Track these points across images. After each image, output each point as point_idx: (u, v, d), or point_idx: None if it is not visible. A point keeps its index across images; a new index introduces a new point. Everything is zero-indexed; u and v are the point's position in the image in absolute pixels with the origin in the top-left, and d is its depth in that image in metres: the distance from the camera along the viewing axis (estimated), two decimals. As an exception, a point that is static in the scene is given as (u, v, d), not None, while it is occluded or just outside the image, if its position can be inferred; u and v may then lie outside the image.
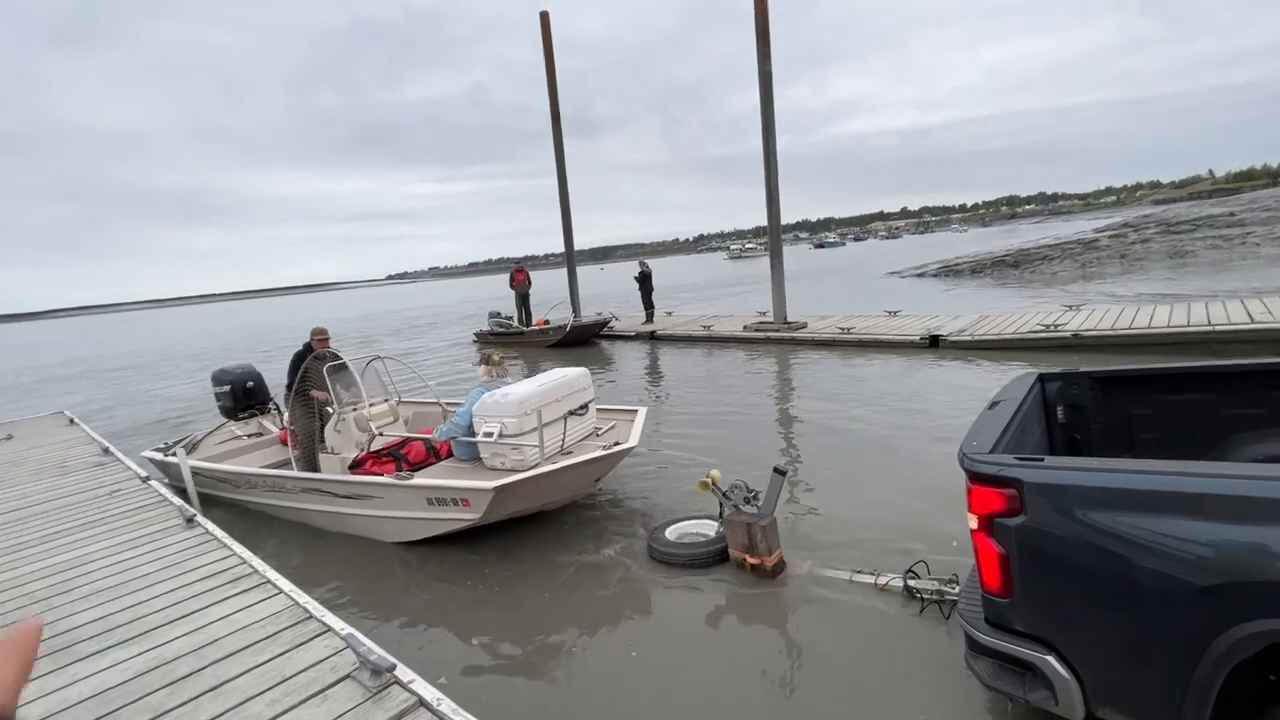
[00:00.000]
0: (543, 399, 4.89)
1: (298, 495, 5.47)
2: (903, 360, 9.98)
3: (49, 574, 3.90)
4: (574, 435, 5.19)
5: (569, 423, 5.10)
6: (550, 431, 4.82)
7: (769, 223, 13.25)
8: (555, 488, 4.81)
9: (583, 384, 5.51)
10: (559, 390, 5.16)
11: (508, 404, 4.77)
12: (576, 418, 5.27)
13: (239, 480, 5.84)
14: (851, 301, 19.04)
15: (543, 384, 5.14)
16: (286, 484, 5.49)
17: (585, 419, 5.45)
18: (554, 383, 5.19)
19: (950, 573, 3.54)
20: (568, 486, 4.95)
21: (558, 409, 5.04)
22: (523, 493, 4.53)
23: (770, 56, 12.53)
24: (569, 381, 5.34)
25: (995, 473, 2.20)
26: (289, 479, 5.48)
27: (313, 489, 5.31)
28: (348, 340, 24.04)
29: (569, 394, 5.27)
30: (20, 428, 9.23)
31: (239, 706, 2.44)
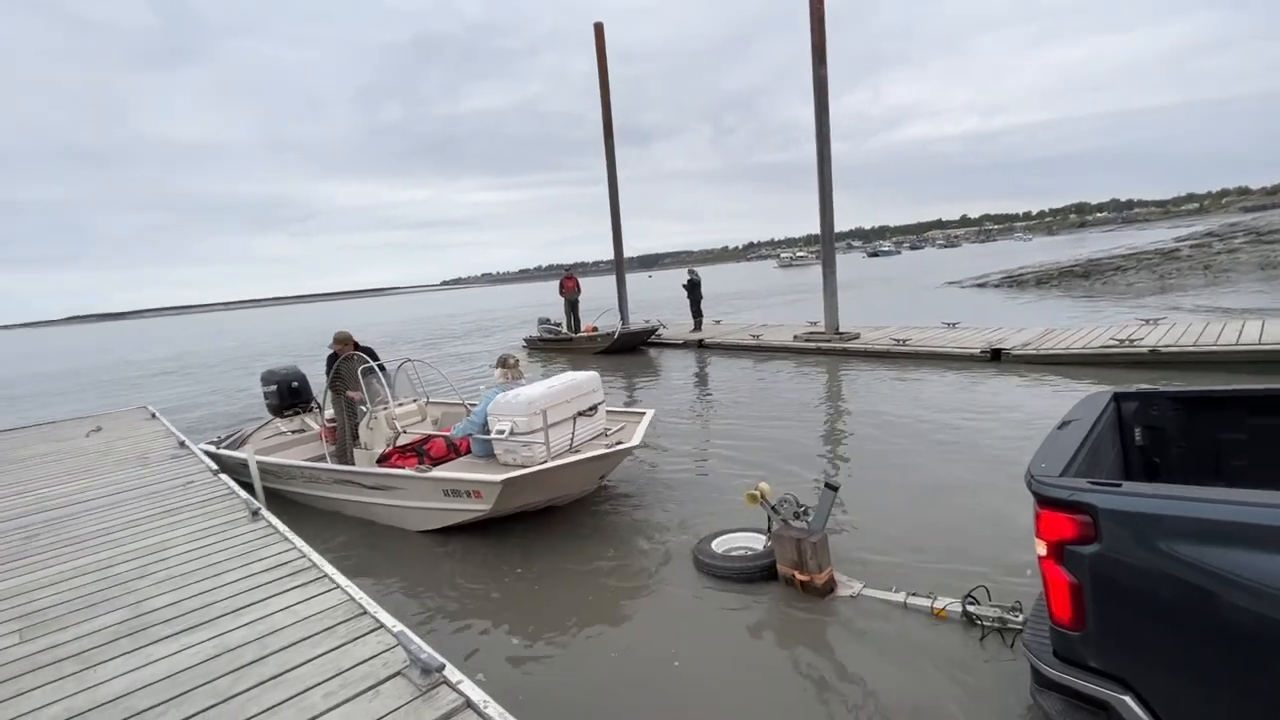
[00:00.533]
0: (551, 400, 5.19)
1: (331, 486, 5.88)
2: (961, 374, 9.60)
3: (131, 558, 4.16)
4: (582, 435, 5.46)
5: (578, 423, 5.39)
6: (560, 431, 5.16)
7: (822, 230, 13.01)
8: (560, 483, 5.08)
9: (592, 387, 5.79)
10: (568, 392, 5.45)
11: (519, 404, 5.08)
12: (585, 418, 5.56)
13: (279, 471, 6.27)
14: (907, 312, 18.47)
15: (552, 386, 5.44)
16: (321, 475, 5.93)
17: (594, 420, 5.74)
18: (563, 385, 5.50)
19: (1014, 600, 3.37)
20: (572, 482, 5.20)
21: (567, 410, 5.34)
22: (529, 486, 4.82)
23: (825, 62, 12.34)
24: (578, 384, 5.64)
25: (1067, 497, 2.08)
26: (323, 470, 5.94)
27: (344, 480, 5.73)
28: (415, 343, 24.88)
29: (578, 396, 5.55)
30: (108, 420, 9.92)
31: (298, 696, 2.53)
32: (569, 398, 5.42)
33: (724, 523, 4.84)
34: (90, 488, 6.01)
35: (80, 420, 10.34)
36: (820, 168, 12.64)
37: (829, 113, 12.54)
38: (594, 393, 5.78)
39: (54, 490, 6.03)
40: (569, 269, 18.56)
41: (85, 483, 6.22)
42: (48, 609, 3.54)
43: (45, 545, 4.56)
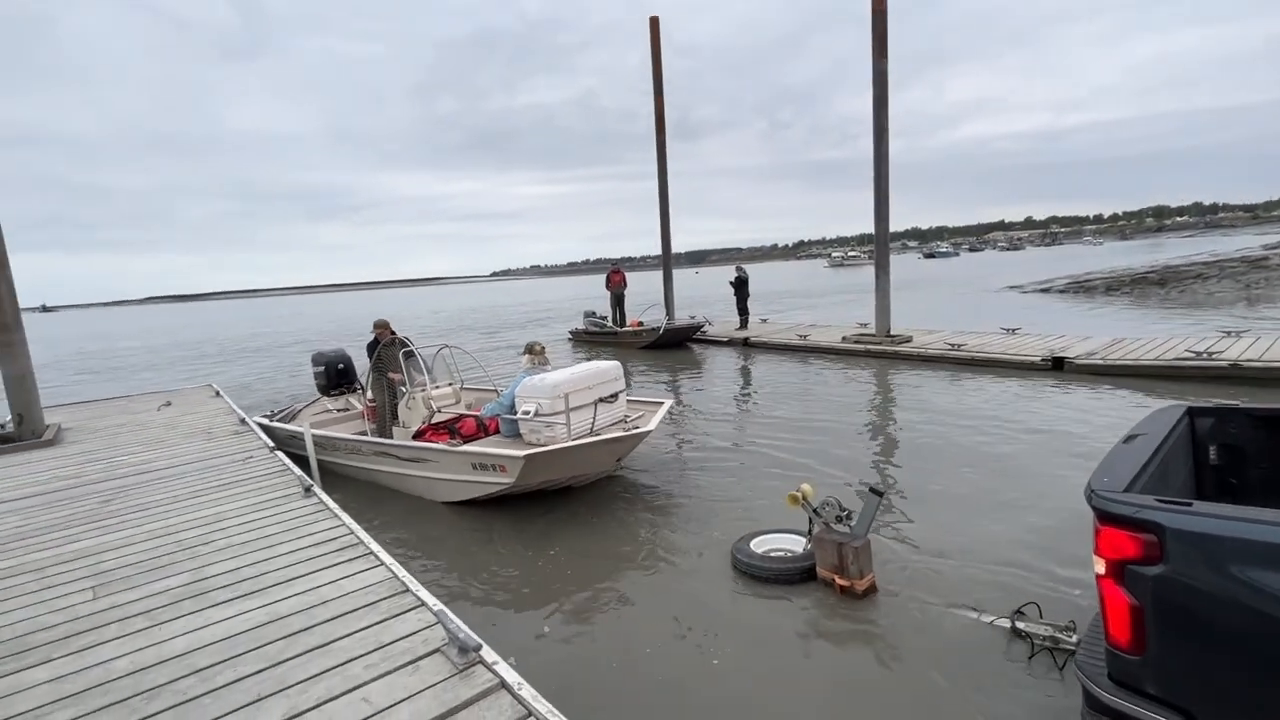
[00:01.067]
0: (574, 385, 5.53)
1: (371, 458, 6.35)
2: (1020, 383, 9.20)
3: (195, 526, 4.41)
4: (603, 420, 5.70)
5: (599, 409, 5.66)
6: (582, 414, 5.46)
7: (876, 228, 12.66)
8: (579, 462, 5.41)
9: (613, 375, 6.10)
10: (591, 379, 5.80)
11: (544, 387, 5.47)
12: (606, 405, 5.84)
13: (326, 443, 6.75)
14: (963, 316, 17.82)
15: (576, 373, 5.80)
16: (363, 448, 6.39)
17: (614, 407, 6.04)
18: (586, 372, 5.87)
19: (1068, 619, 3.21)
20: (590, 462, 5.52)
21: (588, 395, 5.66)
22: (550, 463, 5.18)
23: (886, 55, 11.98)
24: (601, 372, 5.99)
25: (1131, 514, 1.96)
26: (364, 443, 6.40)
27: (383, 453, 6.20)
28: (477, 329, 25.52)
29: (600, 383, 5.87)
30: (178, 396, 10.54)
31: (342, 666, 2.63)
32: (591, 384, 5.75)
33: (762, 523, 4.78)
34: (159, 458, 6.39)
35: (152, 395, 11.01)
36: (877, 164, 12.29)
37: (888, 107, 12.18)
38: (615, 381, 6.08)
39: (127, 459, 6.44)
40: (616, 263, 18.64)
41: (155, 453, 6.63)
42: (118, 569, 3.79)
43: (118, 509, 4.88)
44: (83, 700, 2.54)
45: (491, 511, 5.62)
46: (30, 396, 7.77)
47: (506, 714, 2.27)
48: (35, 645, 2.98)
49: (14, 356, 7.67)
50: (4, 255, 7.56)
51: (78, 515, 4.80)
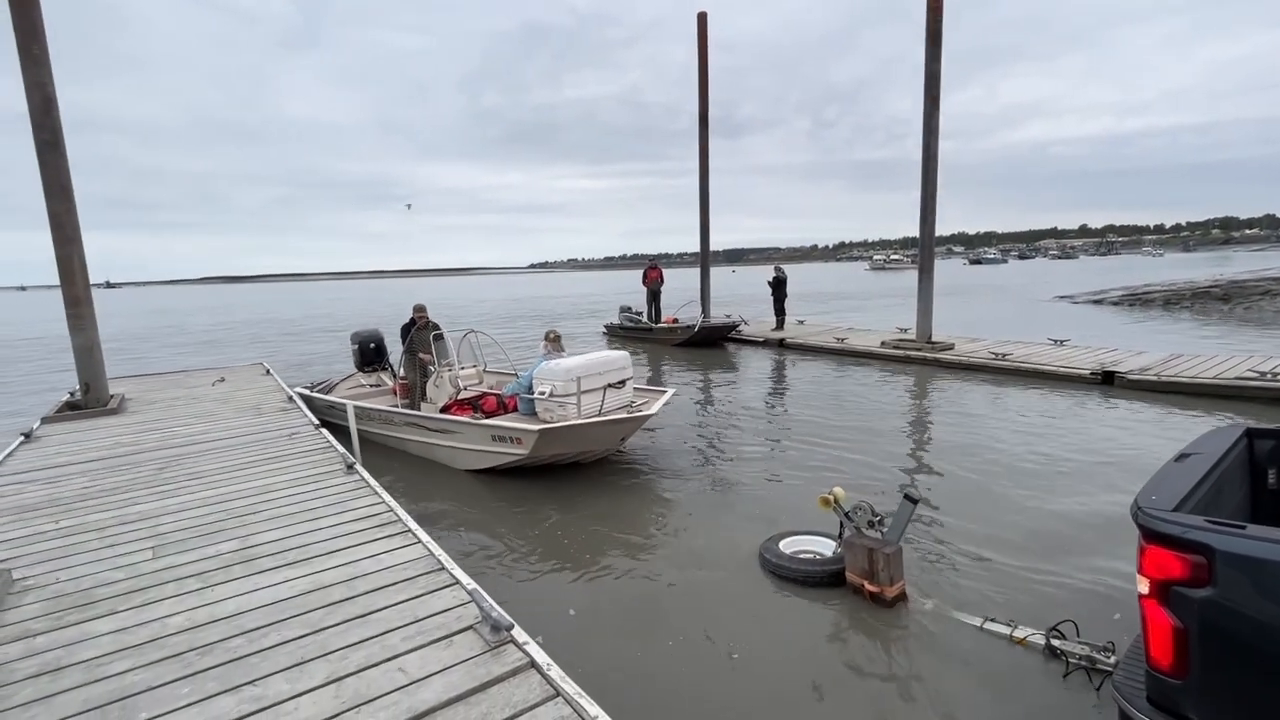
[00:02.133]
0: (586, 370, 6.13)
1: (402, 428, 6.99)
2: (1067, 396, 8.90)
3: (245, 496, 4.63)
4: (611, 404, 6.26)
5: (607, 393, 6.22)
6: (591, 397, 6.03)
7: (921, 232, 12.38)
8: (586, 439, 6.02)
9: (623, 364, 6.69)
10: (601, 366, 6.39)
11: (559, 371, 6.09)
12: (615, 390, 6.43)
13: (363, 413, 7.23)
14: (1009, 325, 17.30)
15: (588, 360, 6.39)
16: (394, 419, 7.05)
17: (622, 392, 6.62)
18: (597, 360, 6.48)
19: (1106, 639, 3.13)
20: (596, 440, 6.15)
21: (598, 380, 6.22)
22: (560, 438, 5.78)
23: (940, 55, 11.68)
24: (611, 360, 6.60)
25: (1179, 534, 1.90)
26: (396, 414, 7.06)
27: (413, 424, 6.87)
28: (526, 317, 25.94)
29: (610, 370, 6.47)
30: (231, 373, 11.00)
31: (380, 636, 2.74)
32: (601, 370, 6.35)
33: (791, 524, 4.77)
34: (212, 430, 6.70)
35: (208, 371, 11.53)
36: (925, 165, 12.01)
37: (939, 108, 11.88)
38: (624, 369, 6.67)
39: (183, 430, 6.77)
40: (653, 259, 18.64)
41: (208, 425, 6.95)
42: (174, 532, 4.00)
43: (174, 477, 5.14)
44: (142, 652, 2.70)
45: (530, 497, 5.73)
46: (97, 367, 8.22)
47: (535, 693, 2.33)
48: (100, 599, 3.18)
49: (83, 329, 8.12)
50: (77, 232, 8.00)
51: (138, 480, 5.08)
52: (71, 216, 7.92)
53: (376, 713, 2.26)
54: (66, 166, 7.80)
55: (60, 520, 4.27)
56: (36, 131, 7.56)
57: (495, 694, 2.34)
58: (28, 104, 7.50)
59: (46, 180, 7.68)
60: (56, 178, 7.72)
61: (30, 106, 7.51)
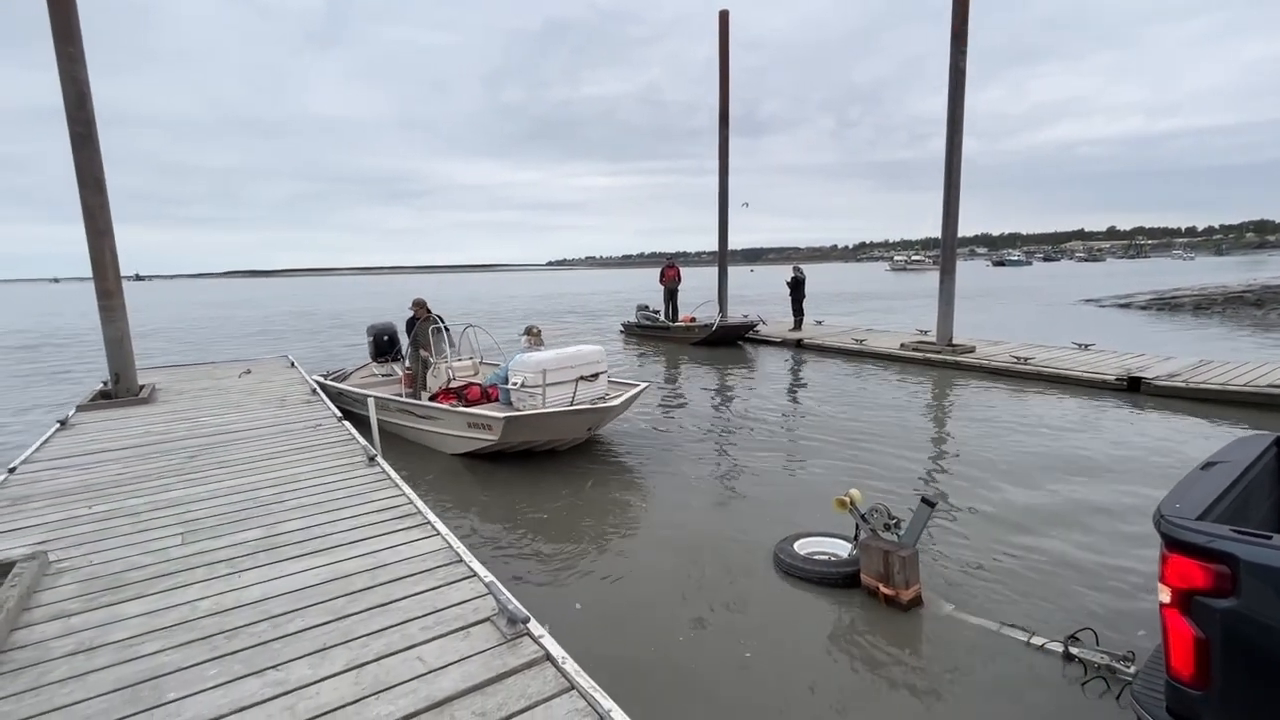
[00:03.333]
0: (555, 364, 6.55)
1: (396, 414, 7.39)
2: (1090, 402, 8.75)
3: (270, 485, 4.73)
4: (584, 396, 6.66)
5: (580, 386, 6.62)
6: (562, 389, 6.47)
7: (943, 233, 12.22)
8: (552, 428, 6.42)
9: (596, 358, 7.04)
10: (573, 360, 6.76)
11: (529, 364, 6.51)
12: (587, 383, 6.78)
13: (360, 400, 7.60)
14: (1031, 328, 17.03)
15: (560, 354, 6.78)
16: (390, 405, 7.45)
17: (595, 385, 6.94)
18: (569, 354, 6.84)
19: (1126, 649, 3.09)
20: (562, 429, 6.50)
21: (570, 374, 6.62)
22: (527, 426, 6.22)
23: (965, 52, 11.51)
24: (583, 354, 6.95)
25: (1203, 543, 1.88)
26: (391, 400, 7.50)
27: (404, 410, 7.32)
28: (577, 313, 26.10)
29: (582, 364, 6.81)
30: (257, 365, 11.22)
31: (399, 625, 2.80)
32: (573, 364, 6.73)
33: (806, 524, 4.76)
34: (239, 421, 6.85)
35: (234, 363, 11.76)
36: (949, 165, 11.86)
37: (964, 107, 11.72)
38: (598, 363, 7.02)
39: (211, 420, 6.93)
40: (671, 258, 18.62)
41: (235, 416, 7.10)
42: (203, 518, 4.11)
43: (202, 465, 5.27)
44: (171, 634, 2.79)
45: (541, 492, 5.79)
46: (127, 358, 8.43)
47: (550, 685, 2.37)
48: (131, 581, 3.28)
49: (114, 320, 8.33)
50: (109, 225, 8.21)
51: (168, 468, 5.22)
52: (104, 209, 8.13)
53: (395, 700, 2.31)
54: (99, 159, 7.99)
55: (94, 505, 4.41)
56: (71, 124, 7.76)
57: (511, 685, 2.38)
58: (63, 98, 7.70)
59: (80, 173, 7.88)
60: (90, 170, 7.92)
61: (65, 100, 7.71)
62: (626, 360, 14.28)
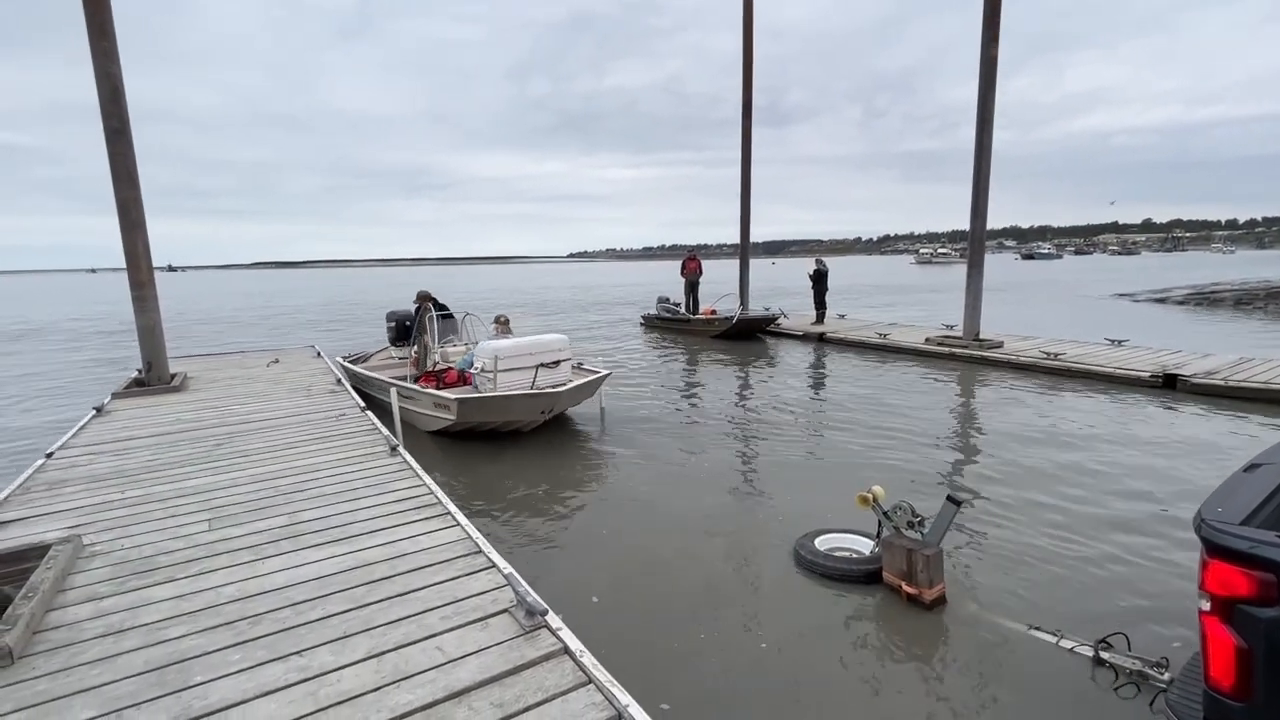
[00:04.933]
0: (515, 351, 7.08)
1: (387, 393, 7.59)
2: (1123, 400, 8.51)
3: (293, 474, 4.81)
4: (544, 381, 7.08)
5: (540, 373, 7.08)
6: (519, 375, 6.98)
7: (971, 225, 11.95)
8: (505, 410, 6.88)
9: (558, 346, 7.47)
10: (533, 348, 7.24)
11: (487, 351, 7.05)
12: (548, 370, 7.21)
13: (368, 381, 8.58)
14: (1062, 323, 16.62)
15: (519, 342, 7.29)
16: (386, 386, 7.74)
17: (556, 372, 7.35)
18: (528, 342, 7.32)
19: (1159, 655, 2.99)
20: (515, 411, 6.94)
21: (529, 360, 7.10)
22: (480, 408, 6.70)
23: (997, 39, 11.20)
24: (544, 342, 7.40)
25: (1247, 549, 1.80)
26: (383, 382, 7.93)
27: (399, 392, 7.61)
28: (589, 308, 26.19)
29: (542, 351, 7.27)
30: (285, 355, 11.42)
31: (420, 615, 2.82)
32: (532, 351, 7.18)
33: (827, 520, 4.70)
34: (265, 410, 6.98)
35: (263, 352, 11.99)
36: (978, 156, 11.58)
37: (995, 96, 11.41)
38: (560, 351, 7.45)
39: (239, 408, 7.07)
40: (692, 250, 18.52)
41: (261, 405, 7.24)
42: (229, 505, 4.19)
43: (229, 453, 5.38)
44: (197, 619, 2.84)
45: (560, 483, 5.80)
46: (158, 346, 8.62)
47: (568, 678, 2.36)
48: (160, 566, 3.36)
49: (146, 310, 8.52)
50: (142, 218, 8.39)
51: (196, 455, 5.33)
52: (138, 202, 8.30)
53: (414, 689, 2.32)
54: (133, 154, 8.16)
55: (126, 490, 4.52)
56: (105, 119, 7.92)
57: (528, 677, 2.38)
58: (98, 94, 7.87)
59: (115, 167, 8.05)
60: (124, 165, 8.09)
61: (100, 96, 7.87)
62: (645, 352, 14.24)
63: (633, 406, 8.84)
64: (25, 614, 2.71)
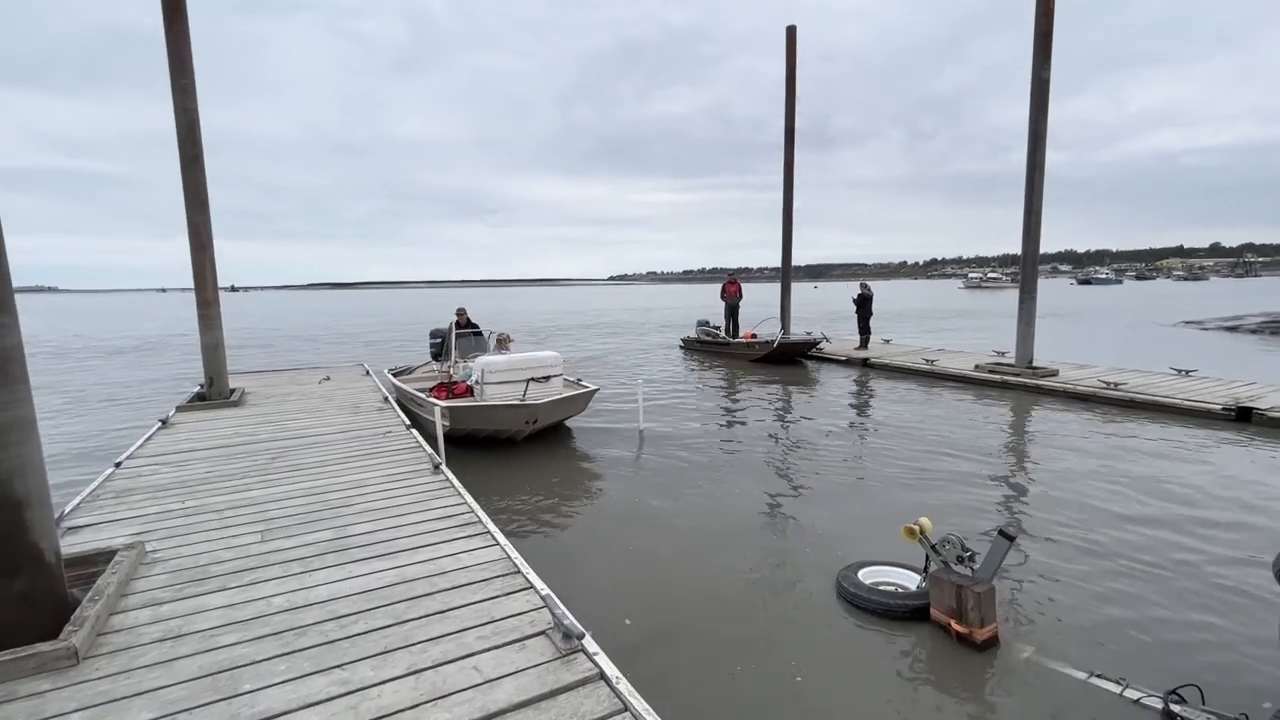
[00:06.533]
0: (506, 366, 7.95)
1: (421, 407, 8.23)
2: (1194, 433, 8.03)
3: (341, 489, 4.95)
4: (535, 395, 7.66)
5: (531, 386, 7.73)
6: (510, 388, 7.74)
7: (1024, 249, 11.59)
8: (491, 419, 7.48)
9: (550, 362, 8.26)
10: (524, 363, 8.07)
11: (479, 365, 7.99)
12: (538, 384, 7.90)
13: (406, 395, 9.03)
14: (1123, 352, 15.88)
15: (511, 359, 8.19)
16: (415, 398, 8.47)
17: (547, 386, 8.08)
18: (521, 358, 8.21)
19: (1238, 710, 2.77)
20: (501, 420, 7.52)
21: (520, 375, 7.84)
22: (467, 416, 7.28)
23: (1049, 62, 10.95)
24: (536, 359, 8.24)
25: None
26: (416, 398, 8.48)
27: (414, 401, 8.55)
28: (648, 329, 26.50)
29: (533, 367, 8.04)
30: (336, 372, 11.85)
31: (458, 633, 2.84)
32: (522, 367, 7.97)
33: (871, 552, 4.56)
34: (316, 425, 7.23)
35: (315, 370, 12.46)
36: (1030, 177, 11.27)
37: (1047, 118, 11.13)
38: (551, 367, 8.21)
39: (291, 424, 7.34)
40: (732, 274, 18.49)
41: (313, 420, 7.50)
42: (280, 518, 4.34)
43: (283, 466, 5.58)
44: (247, 628, 2.94)
45: (599, 506, 5.80)
46: (221, 363, 9.07)
47: (604, 705, 2.34)
48: (215, 575, 3.49)
49: (211, 328, 8.99)
50: (210, 241, 8.90)
51: (252, 468, 5.55)
52: (207, 227, 8.82)
53: (452, 708, 2.33)
54: (205, 181, 8.71)
55: (186, 500, 4.73)
56: (181, 150, 8.48)
57: (564, 702, 2.37)
58: (176, 126, 8.44)
59: (188, 193, 8.59)
60: (196, 192, 8.63)
61: (177, 129, 8.44)
62: (685, 375, 14.21)
63: (672, 430, 8.80)
64: (91, 616, 2.85)
